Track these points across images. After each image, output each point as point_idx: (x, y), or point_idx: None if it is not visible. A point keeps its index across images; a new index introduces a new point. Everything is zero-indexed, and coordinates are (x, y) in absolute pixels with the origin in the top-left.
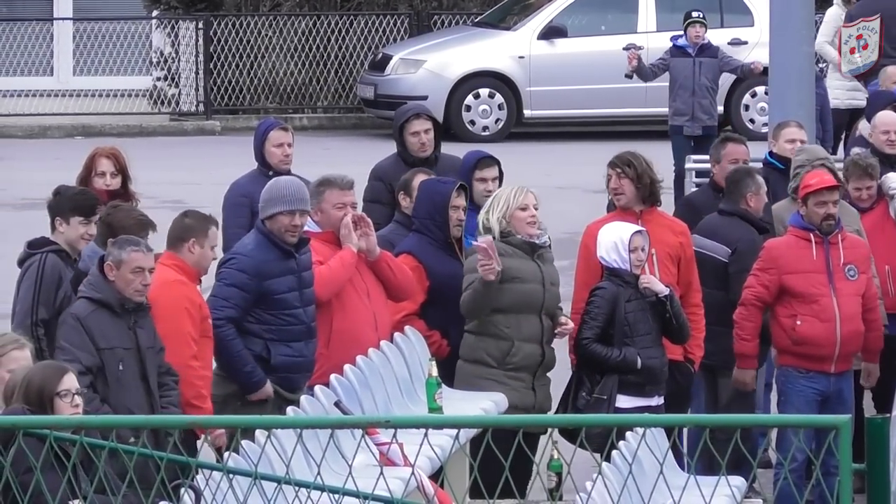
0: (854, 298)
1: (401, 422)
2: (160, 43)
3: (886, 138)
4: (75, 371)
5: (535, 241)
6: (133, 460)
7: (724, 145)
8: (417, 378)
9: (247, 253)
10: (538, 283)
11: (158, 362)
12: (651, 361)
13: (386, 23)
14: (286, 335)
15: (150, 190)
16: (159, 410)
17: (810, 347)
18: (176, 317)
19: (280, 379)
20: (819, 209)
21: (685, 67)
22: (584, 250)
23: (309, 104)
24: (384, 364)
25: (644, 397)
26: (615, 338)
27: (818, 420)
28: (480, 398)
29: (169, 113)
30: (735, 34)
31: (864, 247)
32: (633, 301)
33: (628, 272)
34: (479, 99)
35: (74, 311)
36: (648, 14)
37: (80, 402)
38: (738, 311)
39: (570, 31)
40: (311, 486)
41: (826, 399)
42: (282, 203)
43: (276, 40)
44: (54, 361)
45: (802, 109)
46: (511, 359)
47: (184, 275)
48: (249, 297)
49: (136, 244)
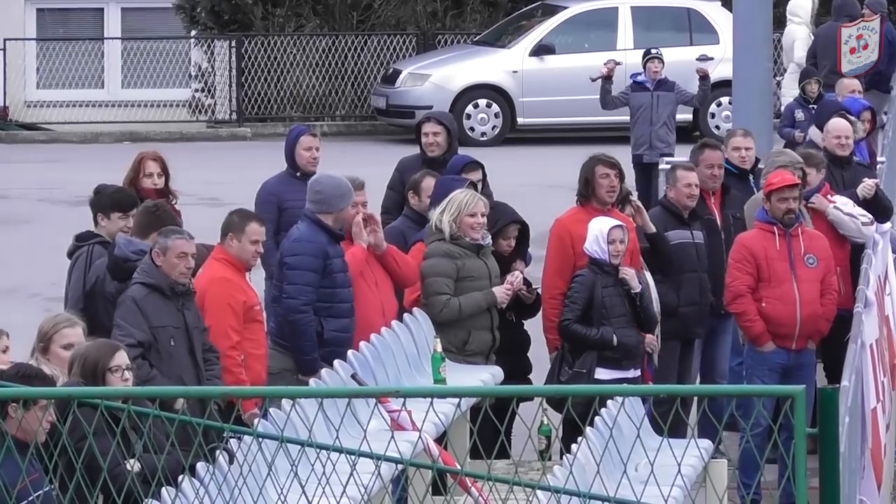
0: (813, 284)
1: (409, 392)
2: (198, 59)
3: (838, 142)
4: (127, 346)
5: (481, 242)
6: (175, 426)
7: (703, 150)
8: (424, 353)
9: (310, 239)
10: (486, 279)
11: (203, 340)
12: (626, 339)
13: (396, 42)
14: (337, 312)
15: (189, 189)
16: (205, 382)
17: (774, 326)
18: (220, 311)
19: (327, 353)
20: (781, 205)
21: (644, 101)
22: (557, 241)
23: (328, 113)
24: (395, 341)
25: (621, 370)
26: (594, 319)
27: (777, 390)
28: (480, 371)
29: (206, 121)
30: (702, 51)
31: (823, 239)
32: (610, 287)
33: (606, 262)
34: (478, 108)
35: (131, 293)
36: (627, 33)
37: (130, 377)
38: (734, 304)
39: (557, 48)
40: (330, 448)
41: (787, 371)
42: (351, 196)
43: (299, 57)
44: (108, 340)
45: (762, 117)
46: (469, 346)
47: (230, 266)
48: (319, 276)
49: (179, 233)
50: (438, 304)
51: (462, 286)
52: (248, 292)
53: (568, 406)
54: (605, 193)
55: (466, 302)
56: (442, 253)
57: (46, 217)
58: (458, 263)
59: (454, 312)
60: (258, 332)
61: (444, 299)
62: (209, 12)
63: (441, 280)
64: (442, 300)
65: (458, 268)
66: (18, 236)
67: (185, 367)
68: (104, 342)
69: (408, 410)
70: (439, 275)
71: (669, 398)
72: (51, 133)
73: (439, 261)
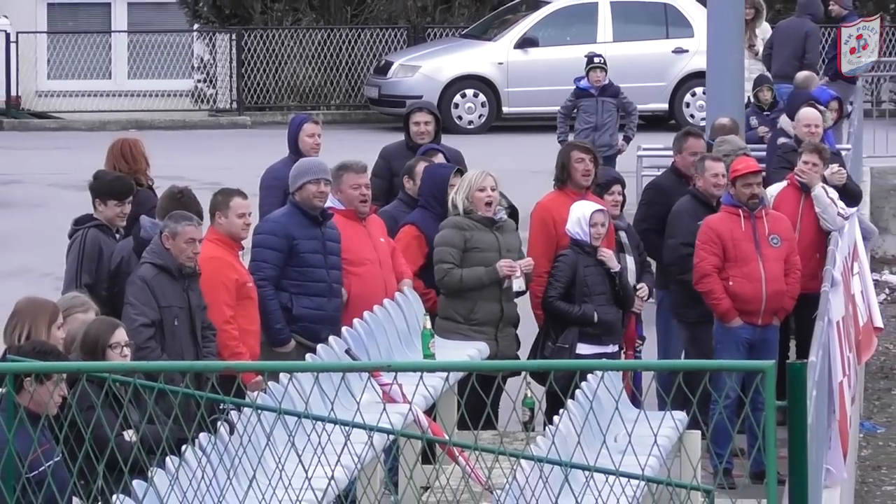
0: (777, 263)
1: (400, 366)
2: (200, 51)
3: (808, 130)
4: (141, 325)
5: (493, 216)
6: (178, 399)
7: (686, 138)
8: (414, 330)
9: (276, 219)
10: (495, 252)
11: (202, 318)
12: (606, 316)
13: (388, 35)
14: (309, 290)
15: (191, 174)
16: (202, 358)
17: (741, 303)
18: (214, 289)
19: (301, 328)
20: (745, 189)
21: (589, 106)
22: (539, 223)
23: (324, 102)
24: (386, 318)
25: (601, 345)
26: (576, 297)
27: (748, 365)
28: (467, 346)
29: (207, 110)
30: (678, 44)
31: (786, 220)
32: (591, 267)
33: (588, 243)
34: (466, 98)
35: (141, 273)
36: (606, 27)
37: (129, 353)
38: (701, 283)
39: (540, 41)
40: (325, 419)
41: (753, 346)
42: (308, 174)
43: (296, 49)
44: (108, 317)
45: (734, 105)
46: (474, 315)
47: (223, 245)
48: (282, 255)
49: (189, 219)
50: (441, 271)
51: (469, 256)
52: (239, 270)
53: (550, 380)
54: (581, 177)
55: (468, 274)
56: (452, 224)
57: (57, 201)
58: (466, 235)
59: (455, 281)
60: (251, 309)
61: (446, 267)
62: (211, 7)
63: (447, 249)
64: (444, 268)
65: (466, 239)
66: (31, 219)
67: (186, 346)
68: (105, 319)
69: (399, 384)
70: (446, 244)
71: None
72: (61, 121)
73: (449, 231)
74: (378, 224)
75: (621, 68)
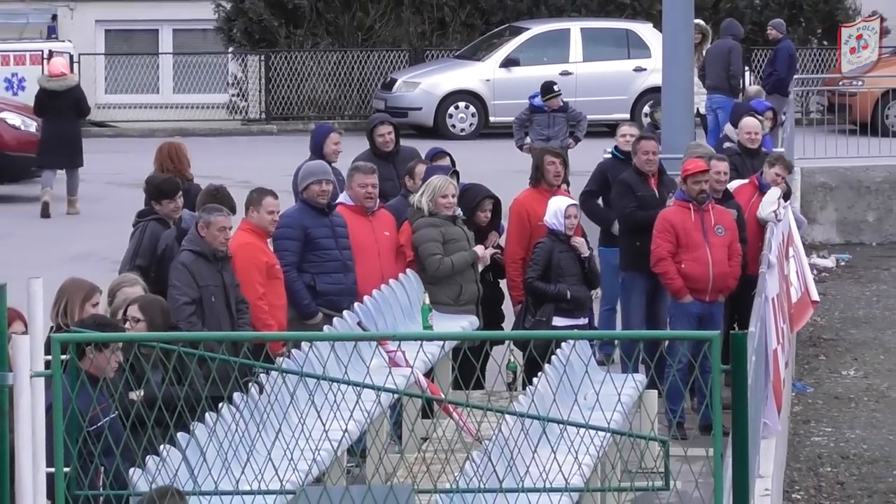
0: (722, 249)
1: (403, 336)
2: (234, 70)
3: (749, 137)
4: (183, 304)
5: (453, 214)
6: (216, 364)
7: (640, 142)
8: (415, 305)
9: (290, 214)
10: (465, 241)
11: (236, 294)
12: (577, 293)
13: (392, 56)
14: (326, 268)
15: (226, 173)
16: (238, 329)
17: (691, 282)
18: (247, 270)
19: (325, 301)
20: (695, 186)
21: (542, 120)
22: (516, 217)
23: (339, 113)
24: (392, 295)
25: (573, 318)
26: (552, 277)
27: (697, 335)
28: (460, 320)
29: (240, 119)
30: (637, 63)
31: (729, 214)
32: (565, 252)
33: (562, 232)
34: (458, 109)
35: (181, 259)
36: (577, 49)
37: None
38: (658, 266)
39: (522, 61)
40: (340, 381)
41: (702, 319)
42: (312, 176)
43: (315, 68)
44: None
45: (685, 115)
46: (462, 297)
47: (254, 234)
48: (299, 243)
49: (220, 210)
50: (435, 262)
51: (448, 247)
52: (268, 254)
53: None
54: (552, 177)
55: (457, 259)
56: (428, 224)
57: (113, 196)
58: (441, 230)
59: (448, 268)
60: (279, 287)
61: (438, 258)
62: (243, 33)
63: (433, 244)
64: (437, 259)
65: (442, 233)
66: (92, 212)
67: (223, 318)
68: (147, 297)
69: (402, 351)
70: (430, 240)
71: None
72: (116, 129)
73: (428, 230)
74: (385, 219)
75: (590, 84)
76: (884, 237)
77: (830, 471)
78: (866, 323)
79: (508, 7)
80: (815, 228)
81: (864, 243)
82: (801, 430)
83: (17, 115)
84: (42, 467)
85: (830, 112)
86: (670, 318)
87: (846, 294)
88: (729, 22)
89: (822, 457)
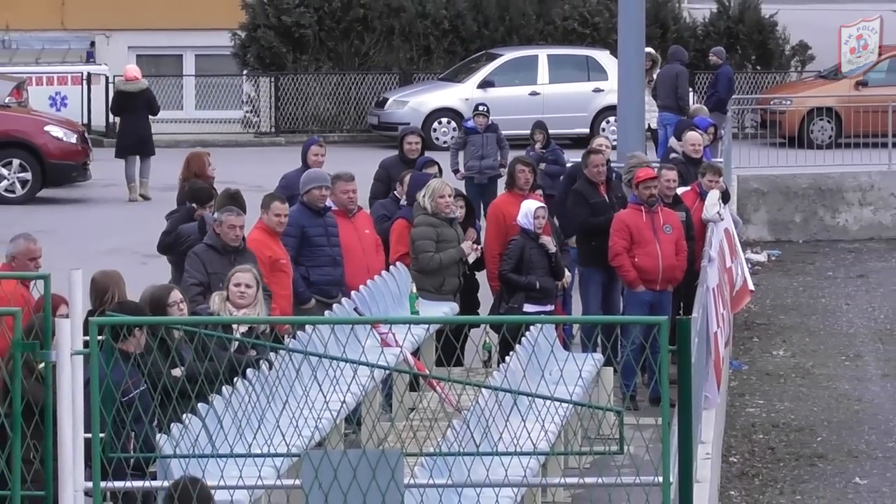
0: (670, 245)
1: (394, 320)
2: (248, 90)
3: (693, 148)
4: (191, 284)
5: (451, 216)
6: (232, 344)
7: (590, 156)
8: (404, 293)
9: (290, 214)
10: (456, 242)
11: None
12: (545, 284)
13: (385, 78)
14: (319, 262)
15: (241, 179)
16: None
17: (643, 274)
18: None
19: (318, 290)
20: (645, 191)
21: (476, 140)
22: (493, 218)
23: (338, 127)
24: (384, 284)
25: (541, 305)
26: (523, 270)
27: (649, 319)
28: (442, 306)
29: (253, 132)
30: (596, 85)
31: (676, 215)
32: (534, 249)
33: (532, 231)
34: (442, 124)
35: (195, 250)
36: (544, 73)
37: (185, 308)
38: (615, 260)
39: (496, 83)
40: (339, 359)
41: (653, 305)
42: (313, 182)
43: (318, 89)
44: (166, 284)
45: (637, 130)
46: (444, 288)
47: (264, 232)
48: (297, 240)
49: (231, 211)
50: (426, 258)
51: (440, 246)
52: (275, 250)
53: (504, 331)
54: (523, 183)
55: (445, 256)
56: (427, 223)
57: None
58: (437, 230)
59: (437, 264)
60: (284, 279)
61: (429, 255)
62: (256, 58)
63: (427, 242)
64: (429, 255)
65: (438, 233)
66: (124, 212)
67: None
68: (163, 286)
69: (393, 333)
70: (426, 238)
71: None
72: None
73: (425, 228)
74: (365, 219)
75: (555, 102)
76: (809, 236)
77: (762, 437)
78: (794, 310)
79: (485, 36)
80: (749, 228)
81: (792, 241)
82: (737, 402)
83: (60, 128)
84: (80, 433)
85: (763, 127)
86: (625, 304)
87: (776, 285)
88: (676, 48)
89: (755, 425)
